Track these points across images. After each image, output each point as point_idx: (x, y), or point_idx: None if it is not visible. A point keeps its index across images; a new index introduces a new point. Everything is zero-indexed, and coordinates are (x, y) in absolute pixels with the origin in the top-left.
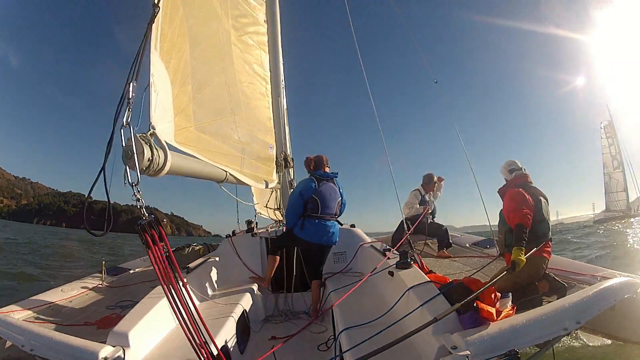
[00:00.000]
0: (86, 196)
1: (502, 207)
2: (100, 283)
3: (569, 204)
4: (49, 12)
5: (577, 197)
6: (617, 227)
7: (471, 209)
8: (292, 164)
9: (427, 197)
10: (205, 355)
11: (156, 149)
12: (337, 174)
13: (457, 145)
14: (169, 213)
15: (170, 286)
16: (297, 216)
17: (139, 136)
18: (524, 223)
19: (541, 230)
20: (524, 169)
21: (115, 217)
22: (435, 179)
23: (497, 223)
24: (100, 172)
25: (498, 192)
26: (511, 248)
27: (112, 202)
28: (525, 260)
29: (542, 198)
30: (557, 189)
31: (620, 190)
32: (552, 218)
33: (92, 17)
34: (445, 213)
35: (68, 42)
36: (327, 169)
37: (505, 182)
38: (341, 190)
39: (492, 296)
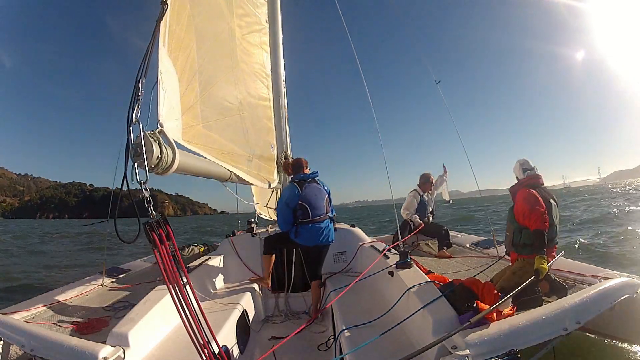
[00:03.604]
0: (115, 217)
1: (512, 206)
2: (101, 284)
3: (574, 168)
4: (39, 9)
5: (582, 161)
6: None
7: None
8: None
9: (425, 197)
10: (207, 355)
11: (165, 147)
12: (317, 172)
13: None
14: (174, 194)
15: (176, 286)
16: (290, 225)
17: (148, 133)
18: (543, 228)
19: (550, 234)
20: (536, 169)
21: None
22: (432, 178)
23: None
24: (123, 179)
25: (509, 190)
26: (518, 247)
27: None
28: (548, 268)
29: (552, 201)
30: (561, 152)
31: None
32: (559, 182)
33: (83, 10)
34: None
35: (60, 37)
36: (307, 171)
37: (516, 181)
38: (326, 187)
39: (493, 296)
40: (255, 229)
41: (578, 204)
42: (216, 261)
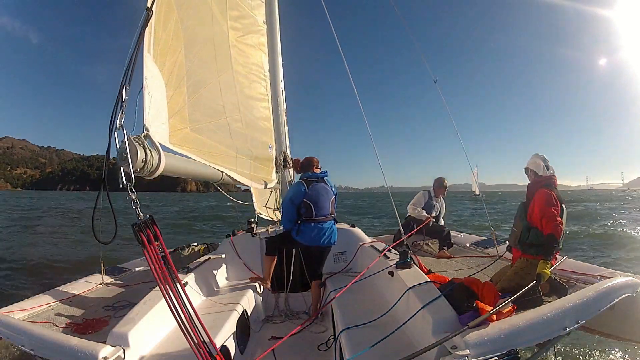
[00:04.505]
0: (93, 210)
1: (525, 202)
2: (100, 283)
3: (597, 171)
4: None
5: (605, 165)
6: None
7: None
8: (291, 164)
9: (434, 201)
10: (203, 355)
11: (150, 150)
12: (326, 172)
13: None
14: None
15: (167, 286)
16: (293, 222)
17: (133, 138)
18: (557, 235)
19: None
20: (552, 169)
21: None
22: (446, 183)
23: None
24: (103, 180)
25: (528, 187)
26: (524, 246)
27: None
28: (550, 273)
29: (563, 205)
30: (585, 154)
31: None
32: (582, 183)
33: None
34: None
35: (86, 15)
36: (316, 170)
37: (528, 175)
38: (334, 189)
39: (493, 296)
40: (255, 228)
41: None
42: (216, 261)
